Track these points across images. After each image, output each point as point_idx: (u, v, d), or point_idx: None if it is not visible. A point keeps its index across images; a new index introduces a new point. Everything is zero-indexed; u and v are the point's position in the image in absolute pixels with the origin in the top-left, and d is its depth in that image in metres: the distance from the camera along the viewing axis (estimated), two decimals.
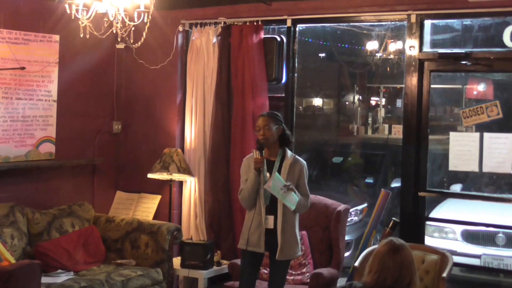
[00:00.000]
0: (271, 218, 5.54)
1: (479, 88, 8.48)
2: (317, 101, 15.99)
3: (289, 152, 5.68)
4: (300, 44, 7.20)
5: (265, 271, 6.19)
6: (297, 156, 5.70)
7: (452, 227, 8.07)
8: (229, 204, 7.18)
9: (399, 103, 15.24)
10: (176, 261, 7.03)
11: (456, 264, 6.05)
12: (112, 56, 7.79)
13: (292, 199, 5.46)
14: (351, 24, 8.61)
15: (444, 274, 5.43)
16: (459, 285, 7.64)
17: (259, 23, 7.05)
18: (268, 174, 5.53)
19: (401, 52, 10.00)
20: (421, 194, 6.42)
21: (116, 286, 6.17)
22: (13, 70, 6.66)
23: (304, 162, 5.72)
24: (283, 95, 7.16)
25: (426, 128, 6.41)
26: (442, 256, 5.68)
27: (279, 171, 5.55)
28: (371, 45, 10.96)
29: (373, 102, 16.59)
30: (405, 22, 6.44)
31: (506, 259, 7.65)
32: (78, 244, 6.68)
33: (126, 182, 7.90)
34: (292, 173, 5.57)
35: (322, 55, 13.29)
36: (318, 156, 11.10)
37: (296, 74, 7.16)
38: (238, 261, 6.03)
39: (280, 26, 7.21)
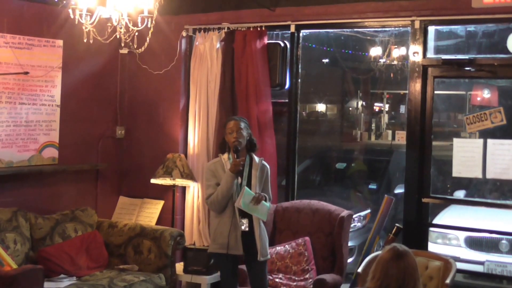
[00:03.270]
0: (246, 220, 5.65)
1: (484, 94, 8.48)
2: (321, 107, 15.96)
3: (255, 157, 5.83)
4: (304, 49, 7.21)
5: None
6: (263, 161, 5.86)
7: (455, 234, 8.06)
8: None
9: (402, 109, 15.20)
10: (179, 266, 7.03)
11: (459, 271, 6.04)
12: (115, 61, 7.80)
13: (263, 210, 5.61)
14: (355, 30, 8.59)
15: (448, 281, 5.42)
16: None
17: (263, 28, 7.06)
18: (239, 178, 5.64)
19: (404, 58, 10.00)
20: (424, 200, 6.41)
21: None
22: (17, 74, 6.66)
23: (269, 166, 5.91)
24: (287, 100, 7.16)
25: (429, 134, 6.41)
26: (446, 262, 5.66)
27: (249, 175, 5.69)
28: (375, 51, 10.96)
29: (376, 108, 16.55)
30: (409, 28, 6.44)
31: (509, 266, 7.63)
32: (81, 249, 6.67)
33: (129, 187, 7.90)
34: (261, 177, 5.77)
35: (325, 60, 13.27)
36: (321, 162, 11.10)
37: (299, 80, 7.16)
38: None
39: (284, 31, 7.21)
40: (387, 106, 16.55)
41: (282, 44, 7.10)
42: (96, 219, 7.15)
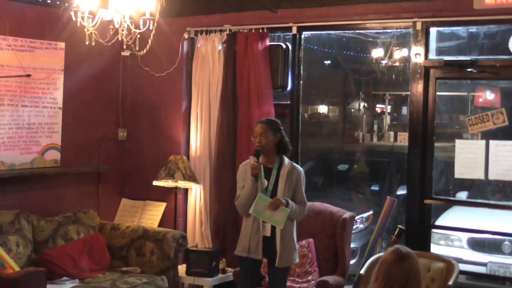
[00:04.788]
0: (268, 225, 5.55)
1: (486, 95, 8.47)
2: (323, 109, 15.99)
3: (286, 160, 5.70)
4: (306, 51, 7.20)
5: None
6: (294, 164, 5.73)
7: (458, 235, 8.05)
8: (235, 212, 7.13)
9: (404, 110, 15.22)
10: (181, 268, 7.02)
11: (462, 272, 6.03)
12: (117, 64, 7.81)
13: (280, 217, 5.44)
14: (357, 31, 8.60)
15: (450, 282, 5.41)
16: None
17: (265, 30, 7.05)
18: (265, 181, 5.56)
19: (406, 59, 9.99)
20: (427, 201, 6.40)
21: None
22: (19, 77, 6.67)
23: (301, 169, 5.76)
24: (289, 102, 7.16)
25: (431, 135, 6.40)
26: (448, 264, 5.65)
27: (276, 179, 5.58)
28: (377, 53, 10.96)
29: (378, 110, 16.57)
30: (410, 30, 6.43)
31: None
32: (83, 252, 6.67)
33: (132, 189, 7.90)
34: (290, 181, 5.60)
35: (327, 62, 13.29)
36: (323, 164, 11.10)
37: (301, 82, 7.15)
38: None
39: (286, 33, 7.20)
40: (389, 107, 16.57)
41: (284, 46, 7.09)
42: (99, 221, 7.15)
